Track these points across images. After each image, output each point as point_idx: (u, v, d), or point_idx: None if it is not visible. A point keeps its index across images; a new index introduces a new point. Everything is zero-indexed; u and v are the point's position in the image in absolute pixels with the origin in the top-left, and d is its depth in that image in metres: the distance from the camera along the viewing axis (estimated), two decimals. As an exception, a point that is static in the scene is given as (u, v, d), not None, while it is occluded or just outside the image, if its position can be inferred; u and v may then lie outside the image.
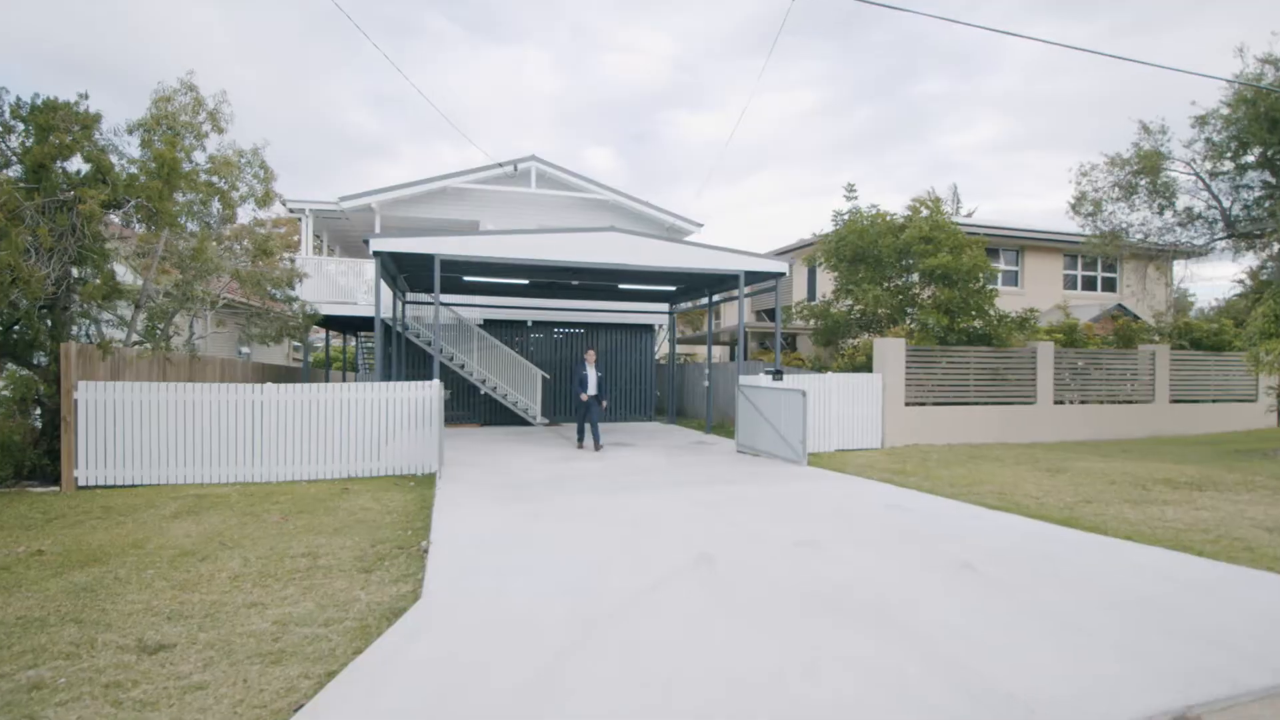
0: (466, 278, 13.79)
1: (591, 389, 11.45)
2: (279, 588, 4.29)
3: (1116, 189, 13.81)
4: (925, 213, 13.12)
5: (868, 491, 7.57)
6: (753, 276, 12.39)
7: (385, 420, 8.92)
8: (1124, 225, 14.10)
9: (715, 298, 15.76)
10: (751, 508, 6.65)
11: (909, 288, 13.39)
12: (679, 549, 5.06)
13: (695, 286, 14.98)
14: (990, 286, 13.01)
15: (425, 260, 10.91)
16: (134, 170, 8.84)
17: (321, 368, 24.83)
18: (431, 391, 9.02)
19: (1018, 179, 80.00)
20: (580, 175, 17.41)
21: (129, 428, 8.02)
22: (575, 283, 14.41)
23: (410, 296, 16.02)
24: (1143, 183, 13.53)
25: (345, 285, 15.76)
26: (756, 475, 8.70)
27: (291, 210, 16.16)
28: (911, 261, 13.11)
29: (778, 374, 10.87)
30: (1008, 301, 15.50)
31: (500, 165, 16.86)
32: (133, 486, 7.88)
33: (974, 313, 12.61)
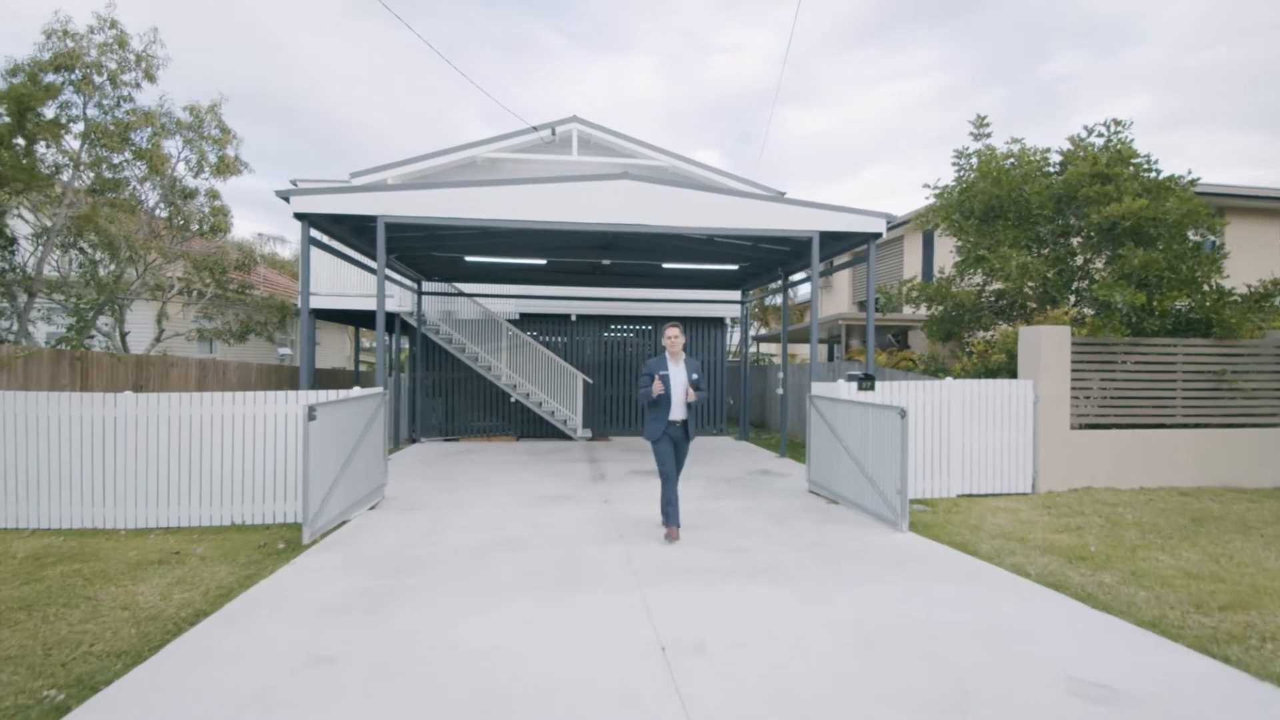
0: (469, 258, 11.16)
1: (678, 411, 5.67)
2: None
3: None
4: (1099, 142, 8.88)
5: (1021, 622, 3.94)
6: (832, 240, 8.83)
7: (278, 445, 6.34)
8: None
9: (794, 278, 12.20)
10: (771, 666, 3.32)
11: (1070, 254, 9.20)
12: None
13: (765, 264, 11.51)
14: (1214, 245, 8.58)
15: (408, 231, 8.38)
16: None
17: (390, 371, 23.37)
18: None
19: (1173, 161, 68.38)
20: (630, 137, 14.37)
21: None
22: (606, 262, 11.40)
23: (428, 286, 13.66)
24: None
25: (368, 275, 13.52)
26: (816, 553, 5.28)
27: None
28: (1077, 218, 8.94)
29: (866, 380, 7.30)
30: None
31: (535, 129, 14.19)
32: (-55, 532, 5.77)
33: (1183, 288, 8.28)
